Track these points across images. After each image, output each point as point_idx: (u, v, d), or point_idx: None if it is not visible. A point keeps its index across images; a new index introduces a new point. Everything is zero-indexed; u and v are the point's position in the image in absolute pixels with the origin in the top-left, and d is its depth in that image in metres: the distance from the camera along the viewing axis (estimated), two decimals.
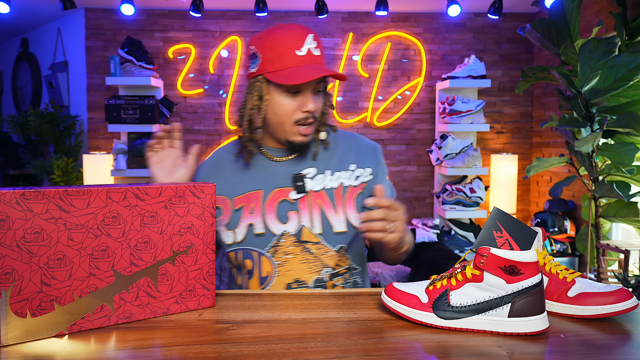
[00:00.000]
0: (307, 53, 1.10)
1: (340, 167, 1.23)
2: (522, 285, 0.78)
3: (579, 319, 0.87)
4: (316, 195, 1.19)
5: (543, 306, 0.79)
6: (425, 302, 0.83)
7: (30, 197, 0.78)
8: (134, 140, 3.58)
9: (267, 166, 1.22)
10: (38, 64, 4.73)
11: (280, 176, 1.20)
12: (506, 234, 0.79)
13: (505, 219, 0.80)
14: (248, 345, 0.76)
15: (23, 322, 0.78)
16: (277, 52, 1.10)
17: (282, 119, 1.14)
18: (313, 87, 1.13)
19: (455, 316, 0.81)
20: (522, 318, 0.78)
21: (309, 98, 1.12)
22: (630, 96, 2.38)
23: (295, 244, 1.18)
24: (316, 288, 1.18)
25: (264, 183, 1.20)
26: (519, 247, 0.80)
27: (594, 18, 3.18)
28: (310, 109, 1.12)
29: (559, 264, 0.91)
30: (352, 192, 1.22)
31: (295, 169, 1.21)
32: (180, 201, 0.91)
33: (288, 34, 1.10)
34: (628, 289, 1.02)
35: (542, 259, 0.89)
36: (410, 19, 3.95)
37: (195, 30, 3.87)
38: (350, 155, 1.25)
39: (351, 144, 1.27)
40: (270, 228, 1.18)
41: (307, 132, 1.15)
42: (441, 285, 0.83)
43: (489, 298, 0.79)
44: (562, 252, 3.39)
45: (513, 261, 0.77)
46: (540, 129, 3.91)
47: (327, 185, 1.20)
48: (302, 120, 1.13)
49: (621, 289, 0.85)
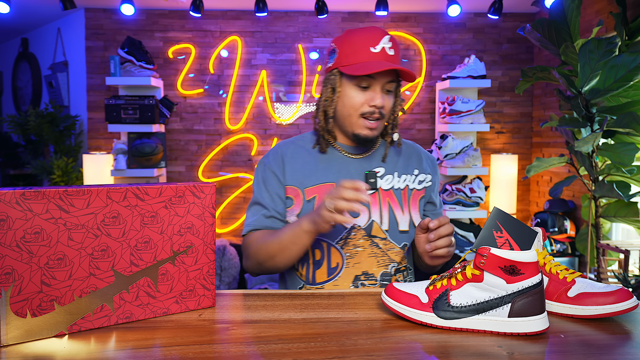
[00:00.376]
0: (380, 50, 1.16)
1: (406, 170, 1.30)
2: (522, 285, 0.78)
3: (579, 319, 0.87)
4: (385, 194, 1.25)
5: (543, 306, 0.79)
6: (425, 302, 0.83)
7: (30, 197, 0.78)
8: (134, 140, 3.58)
9: (339, 161, 1.27)
10: (38, 64, 4.73)
11: (352, 171, 1.26)
12: (506, 234, 0.80)
13: (506, 219, 0.80)
14: (248, 345, 0.76)
15: (23, 322, 0.78)
16: (353, 47, 1.16)
17: (350, 110, 1.20)
18: (383, 85, 1.18)
19: (455, 316, 0.80)
20: (522, 318, 0.78)
21: (378, 94, 1.17)
22: (631, 96, 2.38)
23: (364, 237, 1.22)
24: (382, 282, 1.23)
25: (337, 176, 1.24)
26: (519, 247, 0.80)
27: (594, 18, 3.18)
28: (377, 103, 1.17)
29: (559, 264, 0.91)
30: (416, 195, 1.29)
31: (367, 166, 1.26)
32: (180, 201, 0.91)
33: (366, 32, 1.17)
34: (628, 289, 1.02)
35: (542, 259, 0.90)
36: (410, 19, 3.95)
37: (195, 30, 3.87)
38: (414, 160, 1.32)
39: (413, 151, 1.34)
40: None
41: (372, 126, 1.20)
42: (441, 285, 0.83)
43: (489, 298, 0.79)
44: (562, 252, 3.39)
45: (513, 261, 0.77)
46: (540, 129, 3.91)
47: (395, 186, 1.27)
48: (368, 114, 1.18)
49: (621, 289, 0.85)
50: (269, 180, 1.26)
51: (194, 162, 3.92)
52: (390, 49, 1.17)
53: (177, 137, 3.91)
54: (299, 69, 3.91)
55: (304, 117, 3.95)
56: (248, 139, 3.94)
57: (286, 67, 3.91)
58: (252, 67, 3.90)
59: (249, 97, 3.91)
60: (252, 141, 3.94)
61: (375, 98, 1.17)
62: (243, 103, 3.92)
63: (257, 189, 1.28)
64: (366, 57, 1.16)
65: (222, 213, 3.94)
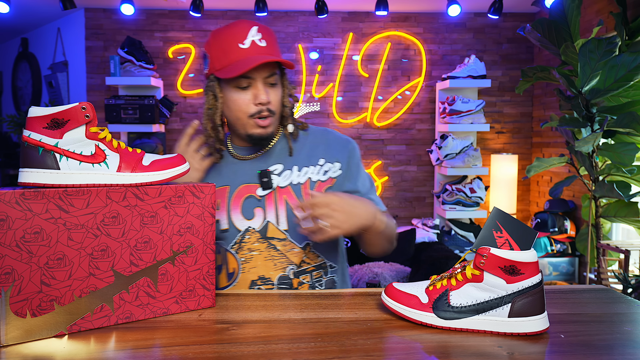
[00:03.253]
0: (250, 45, 1.09)
1: (308, 162, 1.22)
2: (522, 285, 0.78)
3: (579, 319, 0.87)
4: (282, 191, 1.19)
5: (543, 306, 0.79)
6: (425, 302, 0.83)
7: (30, 197, 0.78)
8: (134, 140, 3.58)
9: (234, 164, 1.23)
10: (38, 64, 4.73)
11: (247, 172, 1.21)
12: (506, 234, 0.79)
13: (505, 219, 0.80)
14: (248, 345, 0.76)
15: (23, 322, 0.78)
16: (222, 48, 1.11)
17: (237, 114, 1.15)
18: (264, 80, 1.12)
19: (456, 316, 0.80)
20: (522, 318, 0.78)
21: (260, 90, 1.11)
22: (631, 96, 2.38)
23: (260, 240, 1.18)
24: (280, 286, 1.18)
25: (231, 179, 1.21)
26: (519, 247, 0.80)
27: (594, 18, 3.18)
28: (262, 100, 1.11)
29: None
30: (320, 187, 1.21)
31: (263, 165, 1.21)
32: (180, 201, 0.91)
33: (231, 29, 1.11)
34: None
35: None
36: (410, 19, 3.95)
37: (195, 30, 3.87)
38: (319, 149, 1.23)
39: (321, 139, 1.26)
40: (234, 224, 1.19)
41: (264, 124, 1.14)
42: (441, 285, 0.83)
43: (489, 298, 0.79)
44: (562, 252, 3.39)
45: (513, 261, 0.77)
46: (540, 129, 3.90)
47: (294, 181, 1.20)
48: (257, 114, 1.13)
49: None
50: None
51: None
52: (260, 40, 1.10)
53: (177, 137, 3.91)
54: (299, 69, 3.91)
55: (304, 117, 3.95)
56: None
57: None
58: None
59: None
60: None
61: (258, 95, 1.11)
62: None
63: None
64: (236, 56, 1.09)
65: None
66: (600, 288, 1.07)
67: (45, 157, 0.82)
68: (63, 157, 0.83)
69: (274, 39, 1.14)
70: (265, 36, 1.11)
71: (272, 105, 1.15)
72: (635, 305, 0.94)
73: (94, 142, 0.86)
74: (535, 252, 0.79)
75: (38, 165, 0.82)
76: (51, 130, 0.82)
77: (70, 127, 0.83)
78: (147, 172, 0.89)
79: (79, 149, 0.84)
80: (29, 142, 0.82)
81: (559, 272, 3.43)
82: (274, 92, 1.16)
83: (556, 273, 3.44)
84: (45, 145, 0.82)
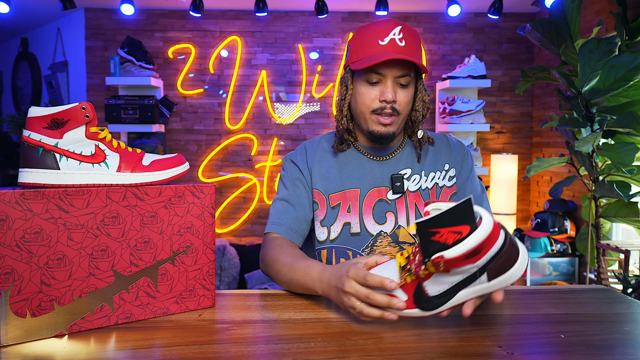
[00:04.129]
0: (389, 42, 1.08)
1: (434, 167, 1.22)
2: (489, 256, 0.72)
3: (579, 319, 0.86)
4: (413, 196, 1.19)
5: (517, 254, 0.74)
6: (406, 299, 0.79)
7: (30, 197, 0.78)
8: (134, 140, 3.58)
9: (363, 164, 1.21)
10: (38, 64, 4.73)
11: (377, 175, 1.20)
12: (444, 230, 0.71)
13: (432, 221, 0.71)
14: (248, 345, 0.76)
15: (23, 322, 0.78)
16: (363, 42, 1.11)
17: (362, 107, 1.14)
18: (394, 79, 1.11)
19: (439, 302, 0.78)
20: (502, 276, 0.74)
21: (388, 88, 1.10)
22: (630, 96, 2.38)
23: (391, 244, 1.17)
24: None
25: (361, 181, 1.19)
26: (467, 226, 0.70)
27: (594, 18, 3.18)
28: (387, 98, 1.10)
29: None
30: (447, 193, 1.21)
31: (393, 169, 1.20)
32: (179, 201, 0.91)
33: (376, 25, 1.11)
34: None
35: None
36: (410, 19, 3.95)
37: (195, 30, 3.87)
38: (443, 155, 1.23)
39: (443, 144, 1.25)
40: (367, 228, 1.17)
41: (385, 122, 1.13)
42: (411, 280, 0.79)
43: (463, 278, 0.75)
44: (562, 252, 3.39)
45: (470, 249, 0.70)
46: (540, 129, 3.90)
47: (423, 186, 1.20)
48: (379, 110, 1.12)
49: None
50: (296, 179, 1.21)
51: (194, 162, 3.92)
52: (401, 40, 1.09)
53: (177, 137, 3.91)
54: (299, 69, 3.91)
55: (304, 117, 3.95)
56: (248, 139, 3.94)
57: (286, 67, 3.91)
58: (252, 67, 3.90)
59: (249, 97, 3.91)
60: (252, 141, 3.94)
61: (385, 93, 1.10)
62: (243, 103, 3.92)
63: (283, 185, 1.22)
64: (373, 51, 1.09)
65: (222, 213, 3.94)
66: (600, 288, 1.07)
67: (45, 157, 0.82)
68: (63, 157, 0.83)
69: (417, 42, 1.12)
70: (407, 37, 1.10)
71: (399, 105, 1.12)
72: (635, 305, 0.94)
73: (94, 142, 0.86)
74: (489, 216, 0.71)
75: (38, 165, 0.82)
76: (51, 130, 0.82)
77: (70, 127, 0.83)
78: (147, 172, 0.89)
79: (79, 149, 0.84)
80: (29, 142, 0.82)
81: (559, 272, 3.44)
82: (403, 93, 1.13)
83: (556, 273, 3.44)
84: (45, 145, 0.82)
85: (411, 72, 1.12)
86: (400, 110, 1.13)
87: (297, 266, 0.99)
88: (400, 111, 1.13)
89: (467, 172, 1.23)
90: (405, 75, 1.11)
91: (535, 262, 3.43)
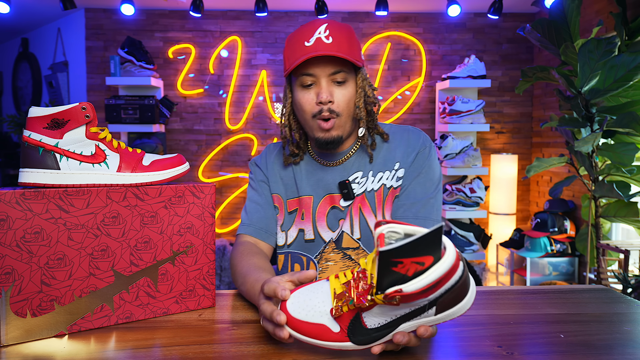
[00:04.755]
0: (314, 42, 1.03)
1: (384, 166, 1.15)
2: (443, 290, 0.65)
3: (579, 319, 0.87)
4: (357, 200, 1.14)
5: (468, 287, 0.68)
6: (337, 331, 0.70)
7: (31, 197, 0.78)
8: (134, 140, 3.58)
9: (316, 171, 1.18)
10: (38, 64, 4.73)
11: (330, 182, 1.16)
12: (407, 260, 0.62)
13: (397, 250, 0.61)
14: (248, 345, 0.76)
15: (23, 322, 0.78)
16: (291, 48, 1.07)
17: (302, 114, 1.10)
18: (328, 77, 1.06)
19: (377, 336, 0.69)
20: (449, 310, 0.67)
21: (322, 89, 1.05)
22: (630, 96, 2.38)
23: (335, 250, 1.16)
24: None
25: (314, 189, 1.17)
26: (430, 257, 0.63)
27: (594, 18, 3.18)
28: (322, 99, 1.04)
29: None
30: (393, 194, 1.14)
31: (344, 174, 1.16)
32: (180, 201, 0.91)
33: (302, 28, 1.07)
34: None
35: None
36: (410, 19, 3.95)
37: (195, 30, 3.87)
38: (398, 152, 1.15)
39: (401, 140, 1.16)
40: (321, 234, 1.16)
41: (326, 127, 1.07)
42: (349, 310, 0.69)
43: (410, 310, 0.67)
44: (562, 252, 3.39)
45: (434, 281, 0.62)
46: (540, 129, 3.91)
47: (369, 188, 1.14)
48: (318, 114, 1.07)
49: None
50: (261, 181, 1.22)
51: (194, 162, 3.92)
52: (327, 37, 1.03)
53: (177, 137, 3.91)
54: None
55: None
56: (248, 139, 3.94)
57: None
58: (252, 67, 3.91)
59: (249, 97, 3.91)
60: (252, 141, 3.94)
61: (320, 93, 1.05)
62: (243, 103, 3.92)
63: (251, 188, 1.23)
64: (300, 54, 1.04)
65: (222, 213, 3.94)
66: (600, 288, 1.07)
67: (46, 157, 0.82)
68: (63, 157, 0.83)
69: (347, 36, 1.06)
70: (334, 33, 1.04)
71: (337, 105, 1.07)
72: (634, 305, 0.95)
73: (94, 142, 0.86)
74: (451, 246, 0.64)
75: (38, 165, 0.82)
76: (51, 130, 0.82)
77: (71, 127, 0.84)
78: (147, 172, 0.89)
79: (79, 149, 0.85)
80: (29, 142, 0.82)
81: (559, 272, 3.44)
82: (341, 92, 1.07)
83: (556, 273, 3.44)
84: (45, 146, 0.82)
85: (345, 68, 1.06)
86: (340, 111, 1.07)
87: (248, 279, 0.97)
88: (339, 112, 1.07)
89: (414, 173, 1.13)
90: (338, 72, 1.06)
91: (535, 262, 3.43)
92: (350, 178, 1.15)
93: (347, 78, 1.07)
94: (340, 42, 1.04)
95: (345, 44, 1.05)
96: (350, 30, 1.08)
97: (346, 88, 1.08)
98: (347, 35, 1.06)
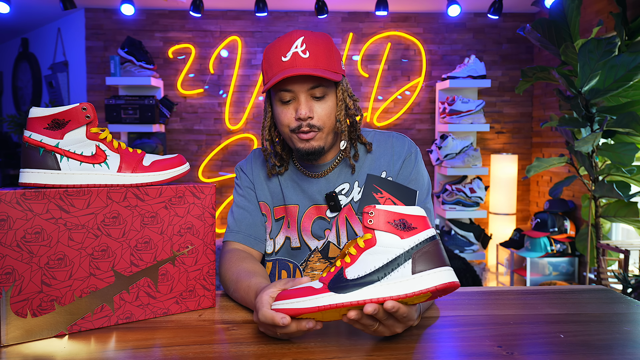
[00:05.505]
0: (291, 57, 1.02)
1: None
2: (418, 239, 0.73)
3: (578, 319, 0.87)
4: (345, 210, 1.14)
5: (445, 260, 0.73)
6: (319, 287, 0.74)
7: (31, 197, 0.78)
8: (134, 140, 3.58)
9: (302, 182, 1.18)
10: (38, 64, 4.73)
11: (316, 193, 1.16)
12: (387, 194, 0.76)
13: (382, 182, 0.76)
14: (248, 345, 0.76)
15: (23, 322, 0.78)
16: (269, 62, 1.06)
17: (282, 128, 1.09)
18: (307, 92, 1.04)
19: (354, 288, 0.72)
20: (427, 271, 0.71)
21: (301, 104, 1.03)
22: (630, 96, 2.38)
23: (321, 260, 1.15)
24: None
25: (300, 199, 1.17)
26: (402, 204, 0.75)
27: (594, 18, 3.18)
28: (301, 115, 1.03)
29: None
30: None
31: (329, 185, 1.15)
32: (180, 201, 0.91)
33: (279, 42, 1.05)
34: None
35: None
36: (410, 19, 3.95)
37: (195, 30, 3.87)
38: (383, 161, 1.14)
39: (385, 150, 1.16)
40: (307, 243, 1.17)
41: (307, 138, 1.06)
42: (335, 267, 0.76)
43: (387, 260, 0.72)
44: (562, 252, 3.39)
45: (402, 214, 0.73)
46: (540, 129, 3.91)
47: (355, 198, 1.13)
48: (297, 129, 1.05)
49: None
50: (247, 187, 1.21)
51: (194, 162, 3.92)
52: (304, 51, 1.02)
53: (177, 137, 3.91)
54: None
55: None
56: (248, 139, 3.94)
57: None
58: (252, 67, 3.91)
59: (249, 97, 3.91)
60: (252, 141, 3.94)
61: (299, 110, 1.03)
62: (243, 103, 3.92)
63: (237, 193, 1.22)
64: (277, 69, 1.02)
65: (222, 213, 3.95)
66: (600, 288, 1.07)
67: (46, 157, 0.82)
68: (64, 158, 0.83)
69: (322, 49, 1.04)
70: (311, 46, 1.03)
71: (317, 120, 1.05)
72: (634, 305, 0.95)
73: (95, 142, 0.86)
74: (421, 208, 0.76)
75: (39, 165, 0.82)
76: (52, 130, 0.82)
77: (71, 127, 0.84)
78: (147, 172, 0.89)
79: (79, 149, 0.85)
80: (29, 143, 0.82)
81: (559, 272, 3.44)
82: (321, 106, 1.05)
83: (556, 273, 3.44)
84: (46, 146, 0.82)
85: (324, 82, 1.05)
86: (320, 124, 1.06)
87: (240, 285, 0.97)
88: (320, 126, 1.06)
89: (403, 181, 1.12)
90: (317, 87, 1.04)
91: (535, 262, 3.43)
92: (337, 190, 1.15)
93: (326, 92, 1.06)
94: (317, 56, 1.02)
95: (323, 57, 1.04)
96: (328, 41, 1.06)
97: (326, 102, 1.06)
98: (325, 47, 1.05)
